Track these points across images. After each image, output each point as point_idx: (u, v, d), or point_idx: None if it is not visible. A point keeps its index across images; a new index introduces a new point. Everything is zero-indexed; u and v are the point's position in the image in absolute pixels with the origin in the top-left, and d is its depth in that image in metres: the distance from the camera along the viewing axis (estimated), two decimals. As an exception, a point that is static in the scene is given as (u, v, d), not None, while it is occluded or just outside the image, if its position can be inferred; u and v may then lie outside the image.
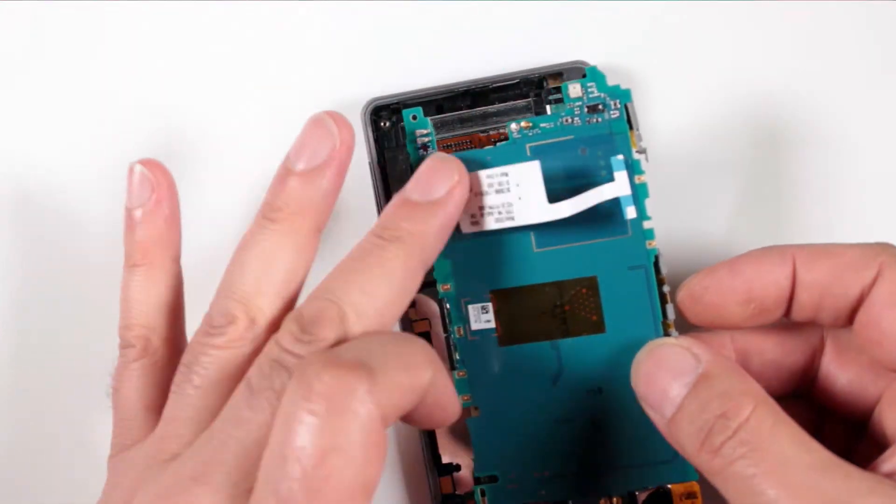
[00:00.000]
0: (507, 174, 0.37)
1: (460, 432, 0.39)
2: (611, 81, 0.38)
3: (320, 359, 0.28)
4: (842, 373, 0.36)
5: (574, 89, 0.38)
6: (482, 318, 0.38)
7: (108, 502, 0.33)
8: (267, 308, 0.34)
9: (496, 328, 0.38)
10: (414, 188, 0.35)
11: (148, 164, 0.36)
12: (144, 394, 0.35)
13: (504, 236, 0.37)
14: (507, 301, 0.38)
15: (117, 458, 0.35)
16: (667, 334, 0.37)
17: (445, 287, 0.38)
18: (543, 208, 0.37)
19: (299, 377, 0.28)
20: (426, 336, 0.39)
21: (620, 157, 0.37)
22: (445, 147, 0.38)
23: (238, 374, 0.33)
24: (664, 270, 0.37)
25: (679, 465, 0.37)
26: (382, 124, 0.39)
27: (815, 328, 0.37)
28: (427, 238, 0.34)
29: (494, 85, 0.39)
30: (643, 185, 0.37)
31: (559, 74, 0.39)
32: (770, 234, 0.41)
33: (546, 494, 0.38)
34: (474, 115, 0.39)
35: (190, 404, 0.33)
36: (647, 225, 0.37)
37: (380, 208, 0.39)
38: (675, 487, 0.38)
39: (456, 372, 0.38)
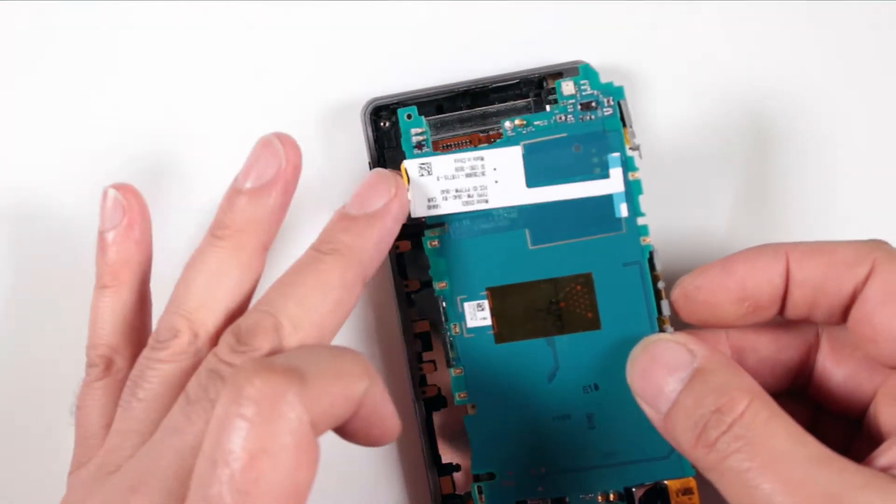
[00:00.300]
0: (482, 158, 0.37)
1: (460, 433, 0.39)
2: (611, 80, 0.38)
3: (252, 365, 0.29)
4: (837, 369, 0.36)
5: (567, 87, 0.38)
6: (478, 315, 0.38)
7: None
8: (210, 323, 0.35)
9: (492, 325, 0.38)
10: (352, 203, 0.36)
11: (121, 188, 0.37)
12: (105, 412, 0.36)
13: (499, 234, 0.38)
14: (502, 298, 0.38)
15: (74, 475, 0.35)
16: (662, 330, 0.37)
17: (441, 285, 0.38)
18: (522, 191, 0.37)
19: (231, 383, 0.29)
20: (425, 336, 0.39)
21: (615, 154, 0.37)
22: (445, 147, 0.39)
23: (181, 387, 0.33)
24: (659, 267, 0.37)
25: (675, 461, 0.37)
26: (382, 124, 0.40)
27: (811, 325, 0.37)
28: (365, 251, 0.35)
29: (494, 85, 0.39)
30: (637, 182, 0.37)
31: (559, 74, 0.39)
32: (767, 231, 0.41)
33: (543, 491, 0.38)
34: (474, 114, 0.39)
35: (135, 417, 0.33)
36: (641, 221, 0.37)
37: None
38: (671, 483, 0.38)
39: (452, 369, 0.38)
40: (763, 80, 0.41)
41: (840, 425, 0.36)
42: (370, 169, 0.40)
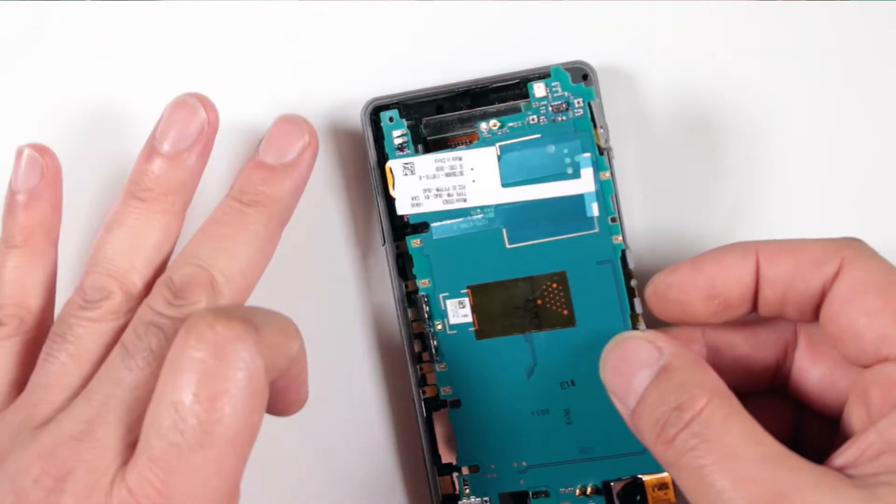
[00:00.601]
0: (460, 158, 0.38)
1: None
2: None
3: (211, 312, 0.30)
4: (814, 368, 0.36)
5: (539, 89, 0.38)
6: (460, 312, 0.39)
7: None
8: (139, 282, 0.36)
9: (473, 322, 0.39)
10: (267, 150, 0.37)
11: (38, 148, 0.38)
12: (11, 370, 0.36)
13: (478, 233, 0.39)
14: (482, 296, 0.39)
15: None
16: (635, 327, 0.38)
17: (424, 283, 0.39)
18: (498, 191, 0.38)
19: (189, 328, 0.30)
20: (422, 336, 0.40)
21: (587, 154, 0.38)
22: (446, 146, 0.39)
23: (112, 345, 0.34)
24: (632, 265, 0.38)
25: (651, 457, 0.37)
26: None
27: (788, 323, 0.37)
28: (283, 200, 0.36)
29: (494, 85, 0.40)
30: (608, 182, 0.38)
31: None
32: (765, 230, 0.40)
33: (524, 484, 0.39)
34: (474, 114, 0.40)
35: (63, 372, 0.34)
36: (627, 220, 0.38)
37: (379, 208, 0.40)
38: (647, 479, 0.38)
39: (437, 365, 0.39)
40: (758, 80, 0.41)
41: (824, 424, 0.36)
42: (369, 169, 0.40)
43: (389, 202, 0.39)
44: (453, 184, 0.38)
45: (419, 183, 0.39)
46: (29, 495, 0.30)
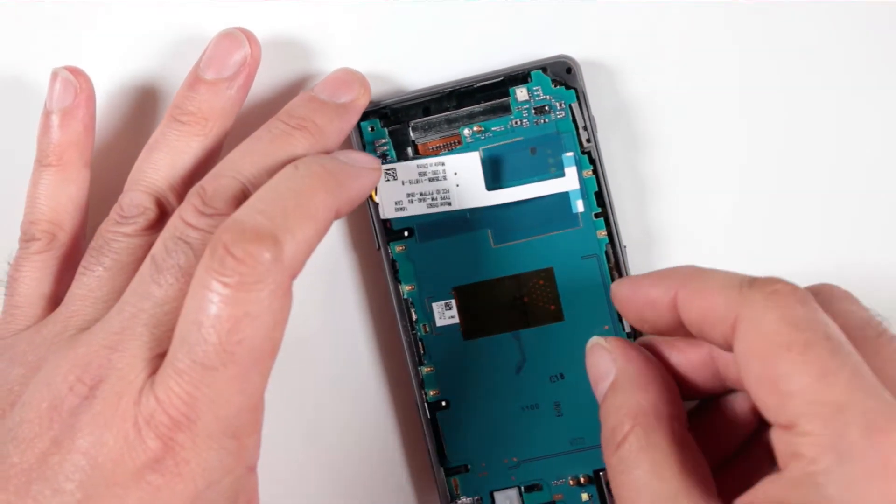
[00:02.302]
0: (443, 163, 0.39)
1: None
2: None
3: (229, 233, 0.31)
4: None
5: (521, 93, 0.40)
6: (446, 314, 0.40)
7: (0, 382, 0.34)
8: (175, 200, 0.37)
9: (460, 323, 0.40)
10: (322, 90, 0.38)
11: (72, 70, 0.38)
12: (44, 283, 0.37)
13: (463, 235, 0.40)
14: (469, 297, 0.40)
15: (9, 339, 0.36)
16: (620, 321, 0.39)
17: (409, 287, 0.40)
18: (483, 194, 0.39)
19: (212, 252, 0.31)
20: (415, 339, 0.40)
21: (569, 153, 0.39)
22: (434, 148, 0.40)
23: (143, 259, 0.34)
24: (614, 259, 0.39)
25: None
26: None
27: None
28: (330, 136, 0.37)
29: (479, 84, 0.40)
30: (591, 179, 0.39)
31: (543, 69, 0.40)
32: (760, 228, 0.42)
33: (516, 480, 0.40)
34: (461, 115, 0.40)
35: (98, 285, 0.35)
36: (597, 216, 0.39)
37: (372, 214, 0.40)
38: (638, 465, 0.39)
39: (424, 367, 0.40)
40: (747, 80, 0.42)
41: None
42: None
43: (378, 207, 0.40)
44: (437, 188, 0.39)
45: (402, 188, 0.39)
46: (64, 401, 0.31)
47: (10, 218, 0.39)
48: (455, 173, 0.39)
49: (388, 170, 0.39)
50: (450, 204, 0.39)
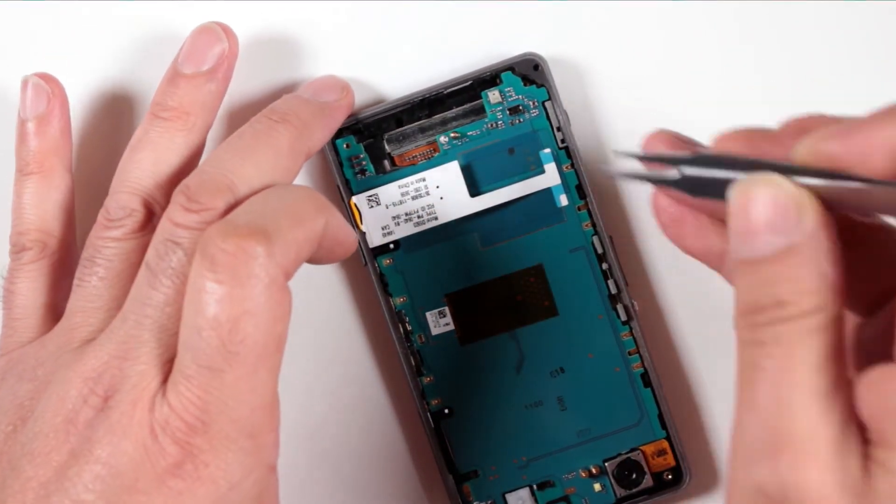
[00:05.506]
0: (423, 179, 0.39)
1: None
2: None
3: (218, 231, 0.31)
4: None
5: (493, 96, 0.40)
6: (441, 322, 0.40)
7: (9, 398, 0.34)
8: (162, 199, 0.36)
9: (455, 329, 0.40)
10: (305, 90, 0.39)
11: (42, 76, 0.38)
12: (41, 292, 0.37)
13: (450, 242, 0.40)
14: (462, 302, 0.40)
15: (15, 354, 0.35)
16: (613, 309, 0.40)
17: (401, 299, 0.40)
18: (468, 202, 0.39)
19: (202, 252, 0.31)
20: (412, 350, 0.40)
21: (547, 150, 0.40)
22: (411, 158, 0.40)
23: (139, 263, 0.34)
24: (601, 249, 0.40)
25: (646, 426, 0.40)
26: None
27: None
28: (313, 130, 0.37)
29: (449, 90, 0.40)
30: (571, 174, 0.40)
31: (511, 69, 0.40)
32: None
33: (527, 479, 0.40)
34: (434, 122, 0.40)
35: (97, 295, 0.35)
36: (580, 209, 0.40)
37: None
38: (645, 448, 0.40)
39: (424, 378, 0.40)
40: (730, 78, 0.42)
41: None
42: (340, 195, 0.40)
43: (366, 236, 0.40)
44: (421, 205, 0.39)
45: (386, 212, 0.39)
46: (79, 413, 0.31)
47: None
48: (437, 186, 0.39)
49: (371, 196, 0.39)
50: (436, 219, 0.39)
